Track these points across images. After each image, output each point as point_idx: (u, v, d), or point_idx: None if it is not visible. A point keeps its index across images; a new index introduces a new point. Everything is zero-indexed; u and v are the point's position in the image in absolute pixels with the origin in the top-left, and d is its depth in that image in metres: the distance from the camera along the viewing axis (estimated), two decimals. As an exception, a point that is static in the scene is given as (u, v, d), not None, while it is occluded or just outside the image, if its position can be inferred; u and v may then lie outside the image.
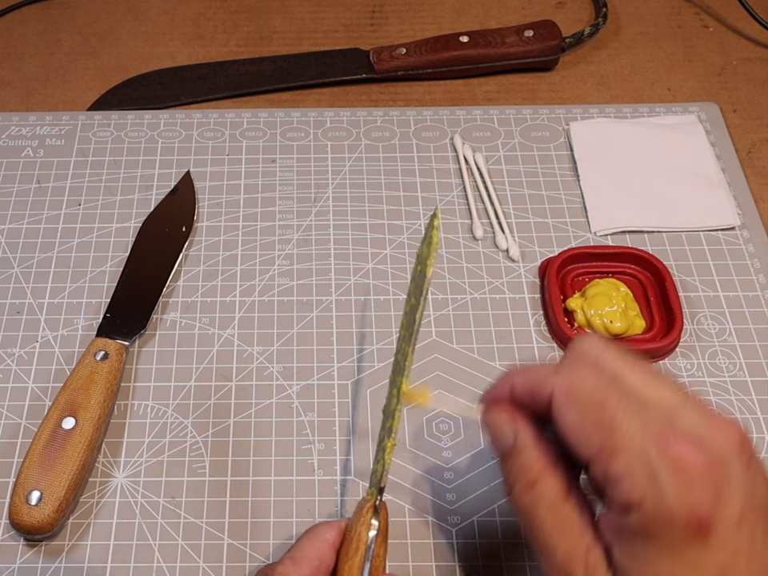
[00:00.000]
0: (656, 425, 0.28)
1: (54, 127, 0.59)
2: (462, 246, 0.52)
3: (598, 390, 0.29)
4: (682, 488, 0.26)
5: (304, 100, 0.62)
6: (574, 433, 0.29)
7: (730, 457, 0.28)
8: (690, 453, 0.27)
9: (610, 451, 0.28)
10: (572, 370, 0.30)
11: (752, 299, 0.50)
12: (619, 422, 0.28)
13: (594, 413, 0.29)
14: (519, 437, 0.32)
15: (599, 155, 0.56)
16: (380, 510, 0.35)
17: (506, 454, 0.32)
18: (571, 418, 0.29)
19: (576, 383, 0.30)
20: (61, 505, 0.40)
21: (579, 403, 0.29)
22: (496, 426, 0.33)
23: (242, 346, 0.48)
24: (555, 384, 0.30)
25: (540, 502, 0.31)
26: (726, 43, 0.65)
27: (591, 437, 0.29)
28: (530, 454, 0.31)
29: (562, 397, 0.30)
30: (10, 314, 0.49)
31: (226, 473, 0.44)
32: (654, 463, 0.27)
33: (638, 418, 0.28)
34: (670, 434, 0.27)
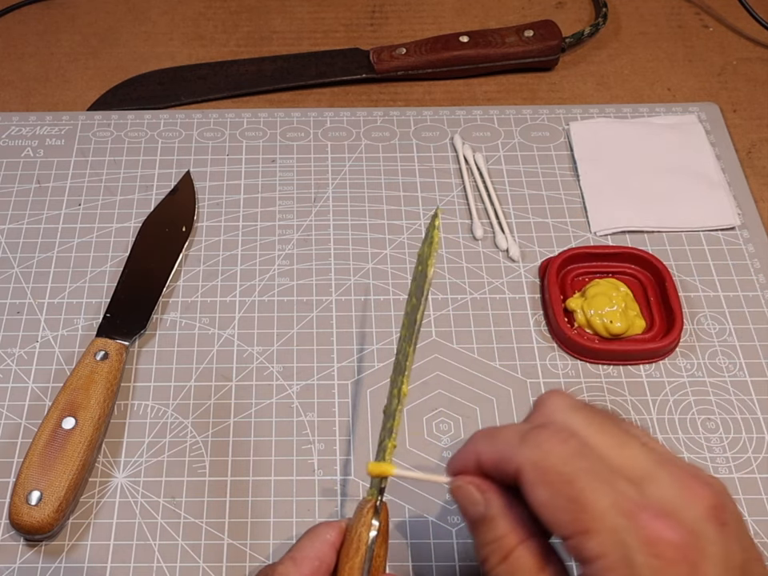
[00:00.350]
0: (627, 499, 0.27)
1: (54, 127, 0.59)
2: (462, 245, 0.52)
3: (566, 466, 0.28)
4: (657, 570, 0.26)
5: (304, 100, 0.62)
6: (545, 511, 0.28)
7: (704, 524, 0.27)
8: (664, 530, 0.27)
9: (582, 530, 0.27)
10: (538, 441, 0.29)
11: (752, 299, 0.50)
12: (590, 500, 0.27)
13: (564, 490, 0.28)
14: (490, 507, 0.31)
15: (599, 155, 0.56)
16: (381, 510, 0.35)
17: (477, 523, 0.31)
18: (541, 496, 0.28)
19: (542, 460, 0.29)
20: (61, 505, 0.40)
21: (548, 481, 0.28)
22: (465, 495, 0.32)
23: (242, 345, 0.48)
24: (522, 459, 0.29)
25: (516, 573, 0.30)
26: (726, 43, 0.65)
27: (563, 515, 0.28)
28: (502, 525, 0.30)
29: (530, 475, 0.29)
30: (10, 313, 0.49)
31: (226, 473, 0.44)
32: (627, 544, 0.26)
33: (609, 492, 0.27)
34: (643, 510, 0.27)
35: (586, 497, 0.27)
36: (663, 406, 0.46)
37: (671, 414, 0.46)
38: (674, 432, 0.45)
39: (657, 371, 0.47)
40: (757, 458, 0.44)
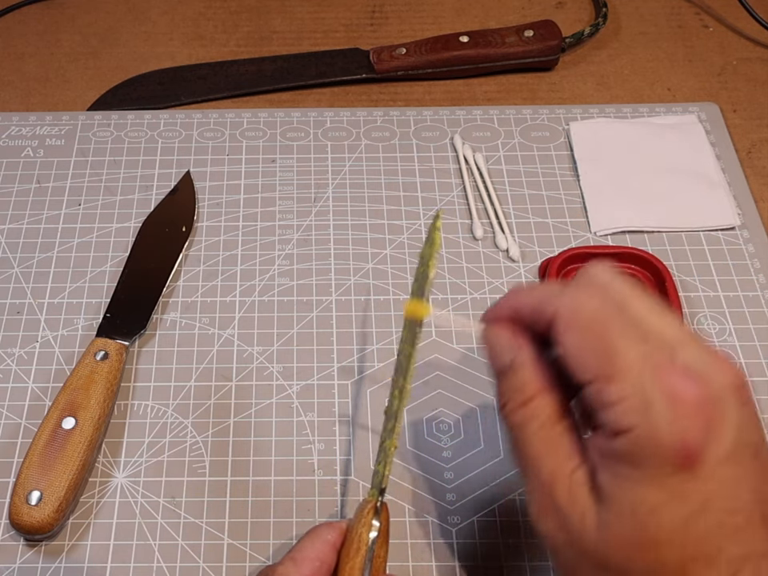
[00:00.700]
0: (656, 356, 0.28)
1: (54, 127, 0.59)
2: (462, 246, 0.52)
3: (602, 315, 0.29)
4: (674, 419, 0.27)
5: (304, 100, 0.62)
6: (573, 355, 0.29)
7: (726, 394, 0.28)
8: (686, 386, 0.27)
9: (607, 376, 0.28)
10: (578, 292, 0.30)
11: (752, 299, 0.50)
12: (619, 349, 0.28)
13: (596, 337, 0.28)
14: (518, 355, 0.31)
15: (599, 155, 0.56)
16: (381, 511, 0.35)
17: (503, 371, 0.32)
18: (572, 340, 0.29)
19: (580, 306, 0.29)
20: (61, 505, 0.40)
21: (581, 326, 0.29)
22: (496, 342, 0.32)
23: (242, 346, 0.48)
24: (559, 304, 0.30)
25: (532, 420, 0.30)
26: (726, 43, 0.65)
27: (590, 361, 0.28)
28: (527, 373, 0.31)
29: (565, 318, 0.29)
30: (10, 314, 0.49)
31: (226, 473, 0.44)
32: (649, 392, 0.27)
33: (639, 347, 0.28)
34: (669, 367, 0.27)
35: (616, 345, 0.28)
36: (663, 406, 0.46)
37: (671, 413, 0.45)
38: (674, 432, 0.45)
39: (657, 371, 0.47)
40: (757, 457, 0.44)
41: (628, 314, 0.29)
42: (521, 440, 0.31)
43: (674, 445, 0.26)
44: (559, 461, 0.30)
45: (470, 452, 0.44)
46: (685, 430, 0.27)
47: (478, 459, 0.44)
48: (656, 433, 0.27)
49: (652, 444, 0.27)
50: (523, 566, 0.41)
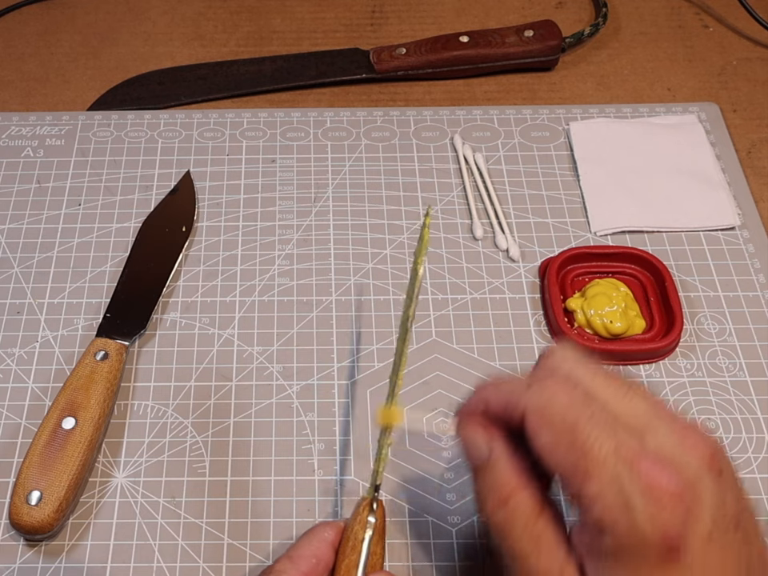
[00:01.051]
0: (628, 446, 0.28)
1: (54, 127, 0.59)
2: (461, 246, 0.52)
3: (571, 411, 0.29)
4: (654, 513, 0.27)
5: (304, 100, 0.62)
6: (547, 454, 0.29)
7: (700, 474, 0.28)
8: (662, 477, 0.27)
9: (583, 474, 0.28)
10: (543, 387, 0.30)
11: (752, 299, 0.50)
12: (591, 445, 0.28)
13: (567, 435, 0.29)
14: (493, 452, 0.32)
15: (599, 155, 0.56)
16: (377, 508, 0.35)
17: (480, 468, 0.32)
18: (544, 439, 0.29)
19: (548, 403, 0.30)
20: (61, 505, 0.40)
21: (551, 425, 0.29)
22: (469, 439, 0.33)
23: (242, 346, 0.48)
24: (527, 403, 0.30)
25: (514, 519, 0.30)
26: (726, 43, 0.65)
27: (565, 459, 0.29)
28: (503, 470, 0.31)
29: (535, 417, 0.30)
30: (10, 313, 0.49)
31: (226, 473, 0.44)
32: (626, 488, 0.27)
33: (611, 439, 0.28)
34: (641, 457, 0.27)
35: (588, 442, 0.28)
36: (663, 406, 0.46)
37: (671, 413, 0.45)
38: (674, 432, 0.45)
39: (657, 371, 0.47)
40: (757, 457, 0.44)
41: (595, 402, 0.29)
42: (506, 540, 0.31)
43: (657, 541, 0.27)
44: (548, 559, 0.30)
45: (470, 452, 0.44)
46: (665, 524, 0.27)
47: (477, 459, 0.44)
48: (637, 530, 0.27)
49: (634, 541, 0.27)
50: (523, 566, 0.41)
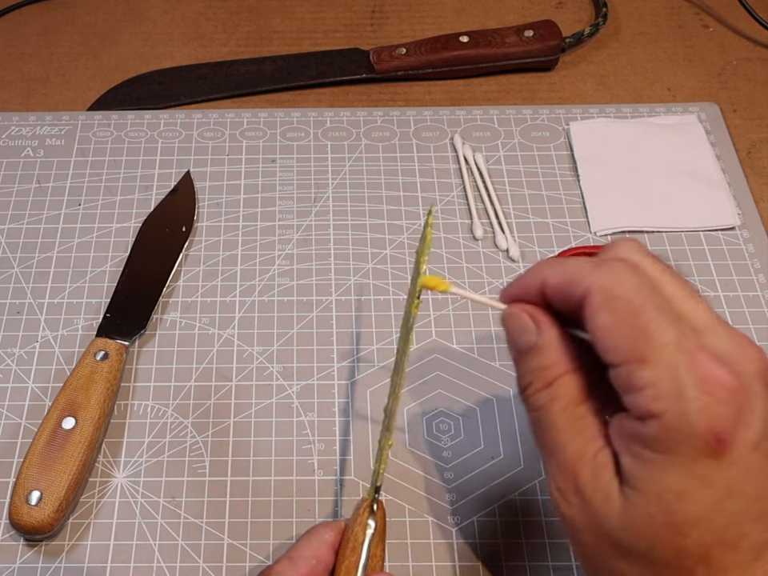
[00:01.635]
0: (689, 339, 0.28)
1: (54, 127, 0.59)
2: (461, 246, 0.52)
3: (637, 296, 0.28)
4: (706, 405, 0.26)
5: (304, 100, 0.62)
6: (605, 335, 0.28)
7: (754, 383, 0.28)
8: (720, 372, 0.27)
9: (640, 358, 0.27)
10: (611, 270, 0.29)
11: (752, 299, 0.50)
12: (653, 332, 0.27)
13: (630, 318, 0.28)
14: (544, 335, 0.31)
15: (599, 155, 0.56)
16: (377, 509, 0.35)
17: (526, 351, 0.31)
18: (605, 320, 0.28)
19: (615, 285, 0.29)
20: (61, 505, 0.40)
21: (615, 306, 0.28)
22: (517, 322, 0.31)
23: (242, 346, 0.48)
24: (592, 282, 0.29)
25: (555, 401, 0.30)
26: (726, 43, 0.65)
27: (623, 341, 0.28)
28: (552, 354, 0.30)
29: (599, 297, 0.29)
30: (10, 313, 0.49)
31: (226, 473, 0.44)
32: (682, 377, 0.27)
33: (673, 329, 0.28)
34: (702, 352, 0.27)
35: (650, 328, 0.28)
36: (663, 406, 0.46)
37: (671, 413, 0.45)
38: (674, 432, 0.45)
39: (657, 371, 0.47)
40: (757, 457, 0.44)
41: (661, 295, 0.29)
42: (543, 421, 0.30)
43: (705, 432, 0.26)
44: (583, 442, 0.29)
45: (470, 452, 0.44)
46: (716, 417, 0.26)
47: (477, 459, 0.44)
48: (687, 419, 0.27)
49: (682, 430, 0.27)
50: (523, 566, 0.41)
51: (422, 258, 0.33)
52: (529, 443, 0.44)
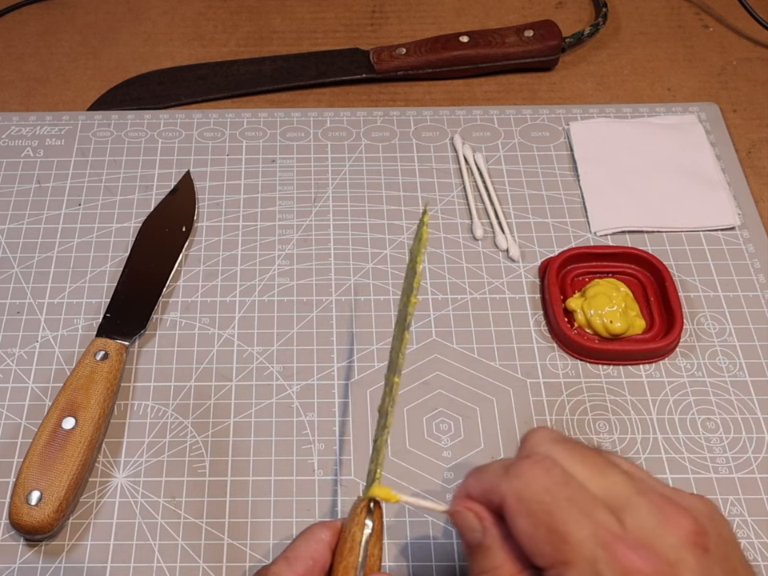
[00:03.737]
0: (605, 530, 0.28)
1: (54, 127, 0.59)
2: (461, 246, 0.52)
3: (548, 494, 0.29)
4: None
5: (304, 100, 0.62)
6: (527, 541, 0.29)
7: (682, 552, 0.27)
8: (639, 562, 0.27)
9: (561, 561, 0.28)
10: (520, 471, 0.30)
11: (752, 299, 0.50)
12: (569, 531, 0.28)
13: (545, 521, 0.28)
14: (488, 534, 0.31)
15: (599, 155, 0.56)
16: (374, 509, 0.35)
17: (474, 550, 0.31)
18: (523, 526, 0.29)
19: (525, 488, 0.29)
20: (61, 505, 0.40)
21: (529, 510, 0.29)
22: (464, 520, 0.32)
23: (242, 346, 0.48)
24: (505, 489, 0.30)
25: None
26: (726, 43, 0.65)
27: (544, 546, 0.28)
28: (498, 555, 0.30)
29: (513, 503, 0.29)
30: (10, 313, 0.49)
31: (226, 473, 0.44)
32: (603, 574, 0.27)
33: (588, 523, 0.28)
34: (619, 542, 0.27)
35: (565, 528, 0.28)
36: (663, 406, 0.46)
37: (671, 414, 0.45)
38: (674, 432, 0.45)
39: (657, 371, 0.47)
40: (757, 458, 0.44)
41: (572, 484, 0.29)
42: None
43: None
44: None
45: (470, 452, 0.44)
46: None
47: (477, 459, 0.44)
48: None
49: None
50: (523, 566, 0.41)
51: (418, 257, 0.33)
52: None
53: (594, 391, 0.46)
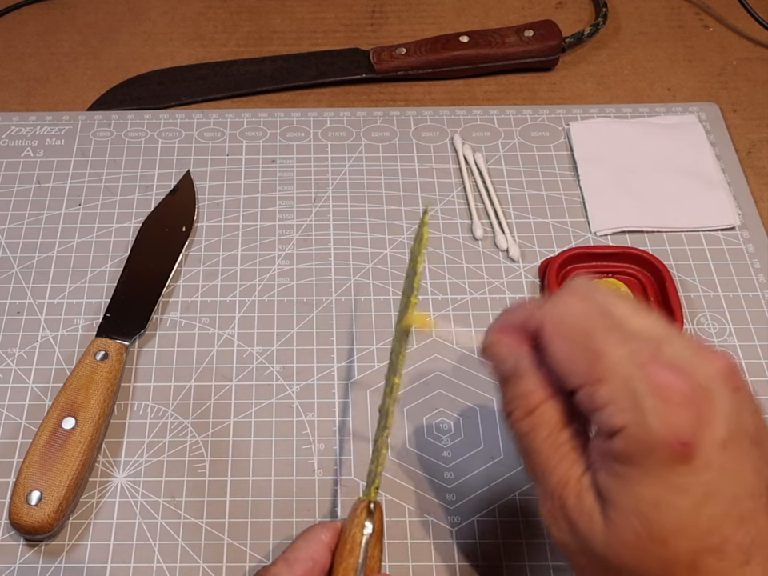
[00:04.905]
0: (642, 353, 0.28)
1: (54, 127, 0.59)
2: (461, 246, 0.52)
3: (585, 320, 0.29)
4: (664, 412, 0.27)
5: (304, 100, 0.62)
6: (561, 361, 0.29)
7: (714, 383, 0.28)
8: (673, 378, 0.27)
9: (595, 379, 0.28)
10: (560, 301, 0.30)
11: (752, 299, 0.50)
12: (605, 350, 0.28)
13: (581, 341, 0.29)
14: (521, 362, 0.31)
15: (599, 155, 0.56)
16: (374, 510, 0.35)
17: (506, 379, 0.32)
18: (559, 346, 0.29)
19: (565, 312, 0.30)
20: (61, 505, 0.40)
21: (567, 331, 0.29)
22: (498, 351, 0.32)
23: (242, 346, 0.48)
24: (544, 314, 0.30)
25: (539, 428, 0.30)
26: (726, 43, 0.65)
27: (578, 364, 0.29)
28: (530, 381, 0.31)
29: (551, 325, 0.30)
30: (10, 313, 0.49)
31: (226, 473, 0.44)
32: (637, 390, 0.27)
33: (624, 346, 0.28)
34: (654, 362, 0.27)
35: (601, 348, 0.28)
36: (663, 406, 0.46)
37: (671, 414, 0.45)
38: (674, 432, 0.45)
39: (657, 371, 0.47)
40: (757, 458, 0.44)
41: (611, 318, 0.29)
42: (529, 448, 0.31)
43: (668, 438, 0.26)
44: (566, 468, 0.30)
45: (470, 452, 0.44)
46: (676, 422, 0.27)
47: (477, 459, 0.44)
48: (647, 429, 0.27)
49: (646, 440, 0.27)
50: (523, 566, 0.41)
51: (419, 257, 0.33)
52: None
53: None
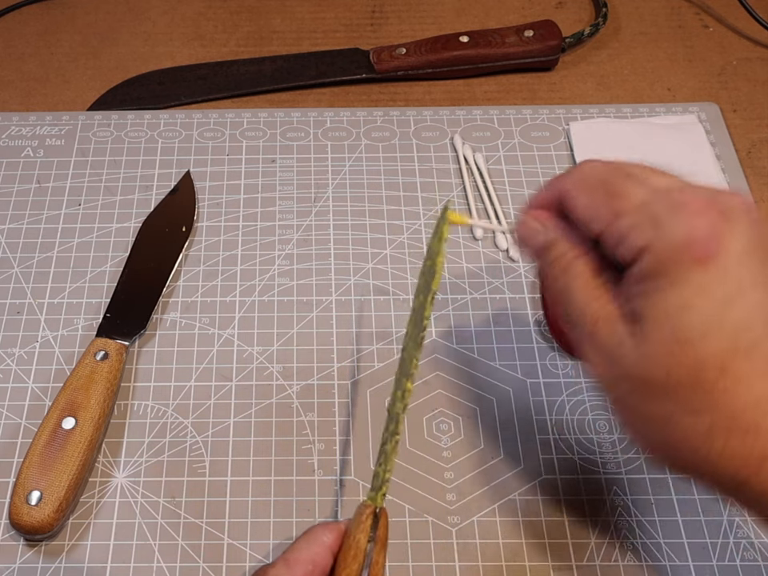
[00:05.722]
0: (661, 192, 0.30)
1: (54, 127, 0.59)
2: (461, 246, 0.52)
3: (606, 174, 0.31)
4: (683, 221, 0.28)
5: (304, 100, 0.62)
6: (586, 211, 0.31)
7: (735, 210, 0.29)
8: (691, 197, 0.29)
9: (618, 214, 0.30)
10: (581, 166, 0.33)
11: (752, 299, 0.50)
12: (627, 192, 0.30)
13: (603, 189, 0.31)
14: (551, 232, 0.33)
15: (599, 155, 0.56)
16: (380, 516, 0.34)
17: (541, 250, 0.34)
18: (582, 199, 0.32)
19: (587, 172, 0.32)
20: (61, 505, 0.40)
21: (589, 185, 0.32)
22: (528, 228, 0.34)
23: (242, 346, 0.48)
24: (566, 179, 0.33)
25: (574, 281, 0.32)
26: (726, 43, 0.65)
27: (601, 209, 0.31)
28: (562, 244, 0.33)
29: (573, 184, 0.32)
30: (10, 313, 0.49)
31: (226, 473, 0.44)
32: (657, 211, 0.29)
33: (644, 187, 0.30)
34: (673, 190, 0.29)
35: (623, 189, 0.30)
36: (663, 406, 0.46)
37: (671, 414, 0.45)
38: (674, 432, 0.45)
39: (657, 371, 0.47)
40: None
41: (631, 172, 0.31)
42: (567, 299, 0.32)
43: (688, 242, 0.28)
44: (599, 307, 0.31)
45: (470, 452, 0.44)
46: (695, 227, 0.28)
47: (477, 459, 0.44)
48: (670, 238, 0.28)
49: (669, 248, 0.28)
50: (523, 566, 0.41)
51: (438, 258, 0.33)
52: (529, 443, 0.44)
53: (594, 391, 0.46)
